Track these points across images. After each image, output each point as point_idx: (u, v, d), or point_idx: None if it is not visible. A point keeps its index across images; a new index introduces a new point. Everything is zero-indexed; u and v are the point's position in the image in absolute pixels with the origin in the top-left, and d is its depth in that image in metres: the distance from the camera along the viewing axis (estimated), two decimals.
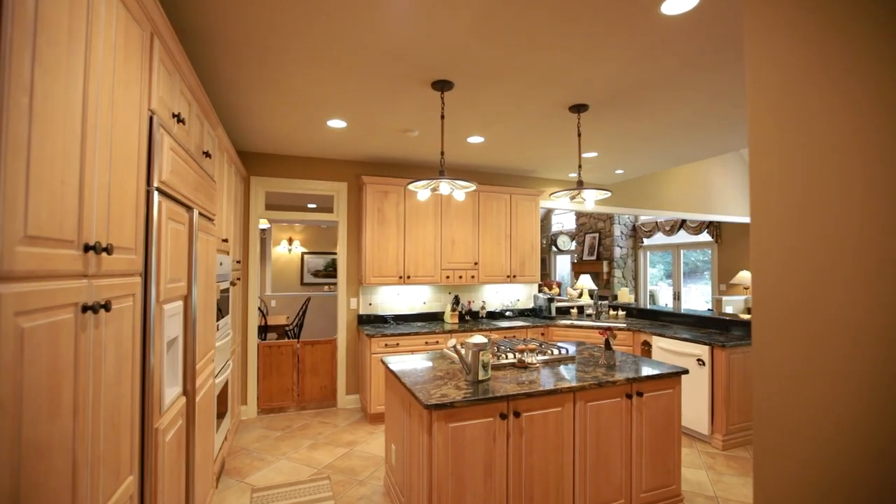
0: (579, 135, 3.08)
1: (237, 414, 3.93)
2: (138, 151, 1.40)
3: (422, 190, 2.83)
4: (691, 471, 3.18)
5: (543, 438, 2.24)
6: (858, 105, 0.93)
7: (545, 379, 2.43)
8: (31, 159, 0.84)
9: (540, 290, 5.50)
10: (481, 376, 2.35)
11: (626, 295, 5.54)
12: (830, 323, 0.98)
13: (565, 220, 10.71)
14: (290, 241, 9.37)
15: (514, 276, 4.99)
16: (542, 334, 4.70)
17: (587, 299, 5.74)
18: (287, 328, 6.51)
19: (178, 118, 1.80)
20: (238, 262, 3.89)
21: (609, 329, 2.85)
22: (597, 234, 9.68)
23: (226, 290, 3.10)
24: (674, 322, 4.71)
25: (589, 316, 5.29)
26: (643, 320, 4.97)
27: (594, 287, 6.71)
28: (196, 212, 1.99)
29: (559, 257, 11.50)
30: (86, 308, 1.04)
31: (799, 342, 1.04)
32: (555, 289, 5.69)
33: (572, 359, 2.90)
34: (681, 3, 1.90)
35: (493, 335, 4.44)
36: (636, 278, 9.71)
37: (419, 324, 4.66)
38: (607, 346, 2.82)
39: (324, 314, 8.45)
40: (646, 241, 9.65)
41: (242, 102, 3.05)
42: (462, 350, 2.43)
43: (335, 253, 9.60)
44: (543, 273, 11.11)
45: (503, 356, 2.80)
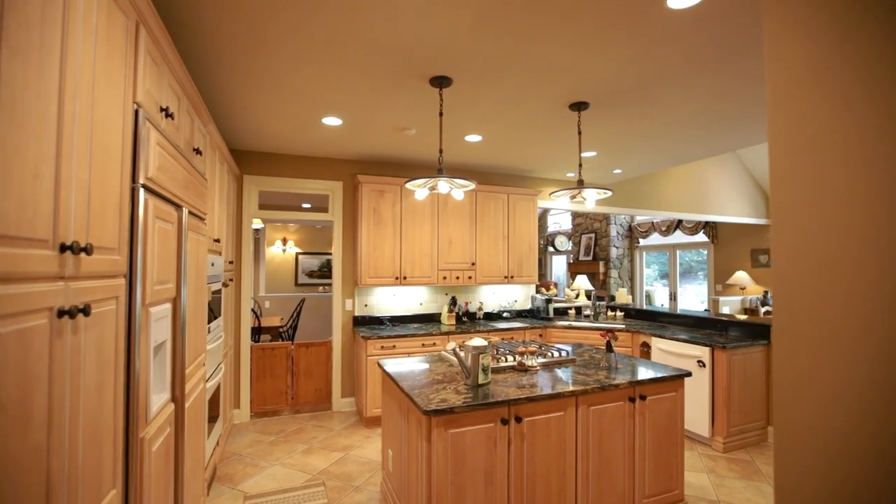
0: (580, 133, 3.03)
1: (229, 418, 3.84)
2: (122, 146, 1.33)
3: (419, 189, 2.76)
4: (693, 474, 3.13)
5: (545, 444, 2.18)
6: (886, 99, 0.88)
7: (546, 382, 2.37)
8: None
9: (537, 291, 5.45)
10: (481, 380, 2.29)
11: (624, 296, 5.50)
12: (858, 328, 0.93)
13: (563, 221, 10.68)
14: (285, 242, 9.26)
15: (512, 277, 4.94)
16: (540, 335, 4.64)
17: (584, 300, 5.69)
18: (281, 330, 6.42)
19: (167, 113, 1.72)
20: (230, 263, 3.80)
21: (610, 331, 2.80)
22: (593, 235, 9.66)
23: (218, 292, 3.02)
24: (672, 323, 4.68)
25: (587, 317, 5.24)
26: (641, 321, 4.93)
27: (591, 288, 6.67)
28: (185, 210, 1.91)
29: (555, 258, 11.47)
30: (62, 313, 0.97)
31: (823, 345, 0.99)
32: (552, 289, 5.64)
33: (573, 361, 2.85)
34: None
35: (492, 337, 4.38)
36: (632, 279, 9.69)
37: (415, 325, 4.59)
38: (609, 349, 2.77)
39: (318, 315, 8.35)
40: (642, 242, 9.63)
41: (235, 99, 2.97)
42: (461, 353, 2.36)
43: (330, 253, 9.50)
44: (539, 274, 11.07)
45: (502, 359, 2.73)
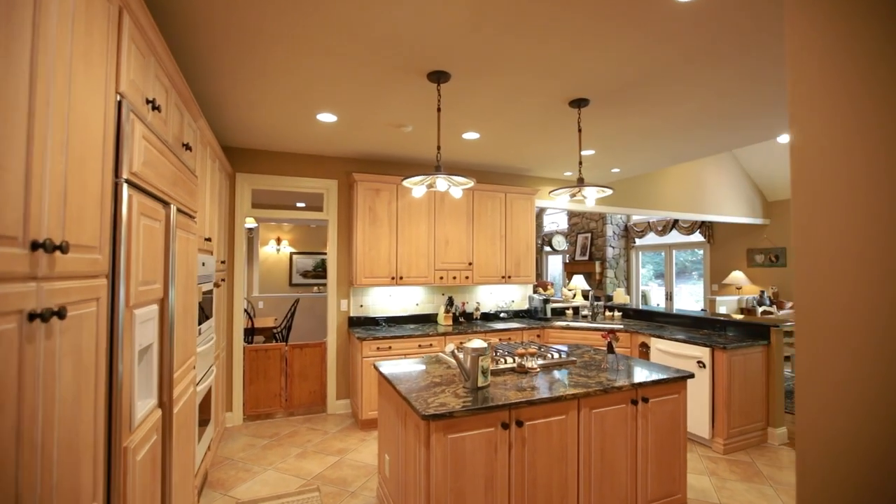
0: (580, 130, 2.97)
1: (221, 422, 3.76)
2: (104, 138, 1.25)
3: (417, 186, 2.70)
4: (694, 477, 3.09)
5: (547, 449, 2.12)
6: None
7: (547, 385, 2.31)
8: None
9: (535, 291, 5.40)
10: (481, 383, 2.23)
11: (622, 296, 5.46)
12: (882, 328, 0.87)
13: (560, 220, 10.64)
14: (279, 241, 9.16)
15: (509, 277, 4.88)
16: (538, 336, 4.59)
17: (580, 300, 5.65)
18: (275, 331, 6.32)
19: (154, 105, 1.65)
20: (223, 263, 3.72)
21: (612, 332, 2.74)
22: (589, 235, 9.63)
23: (209, 292, 2.93)
24: (669, 323, 4.64)
25: (584, 317, 5.20)
26: (639, 321, 4.89)
27: (587, 287, 6.63)
28: (174, 208, 1.84)
29: (551, 258, 11.44)
30: (33, 316, 0.89)
31: (850, 346, 0.94)
32: (549, 290, 5.59)
33: (573, 362, 2.79)
34: None
35: (490, 338, 4.32)
36: (628, 278, 9.68)
37: (412, 326, 4.53)
38: (610, 350, 2.71)
39: (313, 316, 8.25)
40: (638, 242, 9.62)
41: (228, 94, 2.88)
42: (460, 355, 2.30)
43: (325, 253, 9.41)
44: (535, 274, 11.03)
45: (501, 360, 2.67)
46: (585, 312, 5.29)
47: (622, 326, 4.52)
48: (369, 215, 4.25)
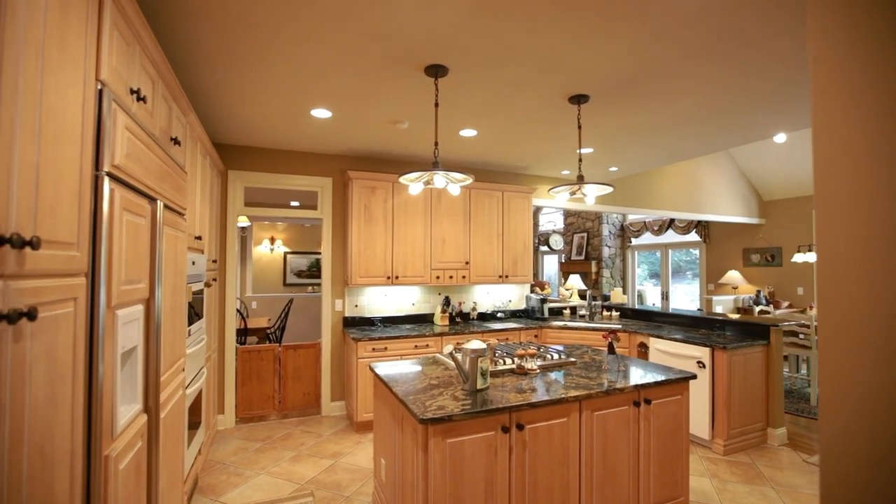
0: (580, 127, 2.92)
1: (213, 425, 3.67)
2: (83, 127, 1.17)
3: (414, 183, 2.63)
4: (695, 479, 3.05)
5: (548, 452, 2.06)
6: None
7: (548, 387, 2.25)
8: None
9: (532, 291, 5.35)
10: (480, 385, 2.17)
11: (620, 295, 5.42)
12: None
13: (557, 220, 10.60)
14: (273, 241, 9.05)
15: (507, 277, 4.83)
16: (536, 336, 4.53)
17: (577, 299, 5.60)
18: (268, 331, 6.23)
19: (139, 96, 1.57)
20: (214, 262, 3.63)
21: (613, 332, 2.69)
22: (585, 234, 9.60)
23: (199, 292, 2.85)
24: (667, 322, 4.60)
25: (582, 317, 5.15)
26: (638, 321, 4.85)
27: (584, 287, 6.59)
28: (161, 204, 1.76)
29: (546, 257, 11.41)
30: None
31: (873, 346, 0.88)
32: (547, 289, 5.54)
33: (573, 363, 2.74)
34: None
35: (487, 338, 4.25)
36: (624, 278, 9.66)
37: (408, 326, 4.46)
38: (611, 350, 2.66)
39: (307, 316, 8.16)
40: (634, 241, 9.60)
41: (220, 88, 2.80)
42: (459, 356, 2.24)
43: (319, 253, 9.31)
44: (532, 273, 10.99)
45: (500, 361, 2.61)
46: (583, 312, 5.24)
47: (620, 326, 4.47)
48: (365, 214, 4.18)
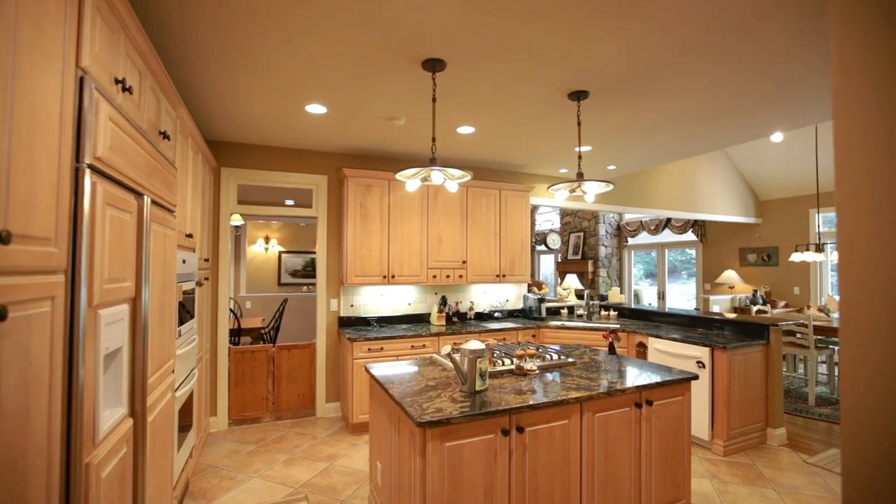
0: (579, 123, 2.87)
1: (205, 427, 3.59)
2: (61, 116, 1.11)
3: (410, 180, 2.57)
4: (695, 480, 3.01)
5: (548, 456, 2.01)
6: None
7: (548, 388, 2.20)
8: None
9: (529, 291, 5.30)
10: (479, 386, 2.11)
11: (617, 295, 5.39)
12: None
13: (554, 219, 10.57)
14: (267, 240, 8.96)
15: (504, 276, 4.78)
16: (533, 336, 4.49)
17: (573, 299, 5.56)
18: (263, 331, 6.15)
19: (124, 86, 1.50)
20: (206, 261, 3.55)
21: (613, 332, 2.65)
22: (581, 234, 9.57)
23: (191, 291, 2.78)
24: (665, 322, 4.57)
25: (580, 317, 5.11)
26: (635, 321, 4.82)
27: (581, 287, 6.56)
28: (148, 199, 1.69)
29: (542, 257, 11.37)
30: None
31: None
32: (544, 289, 5.49)
33: (573, 364, 2.69)
34: None
35: (485, 338, 4.20)
36: (620, 277, 9.64)
37: (404, 326, 4.40)
38: (611, 350, 2.62)
39: (302, 316, 8.07)
40: (630, 241, 9.59)
41: (214, 82, 2.73)
42: (457, 357, 2.18)
43: (314, 252, 9.23)
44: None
45: (499, 362, 2.56)
46: (581, 312, 5.20)
47: (619, 326, 4.44)
48: (360, 212, 4.12)
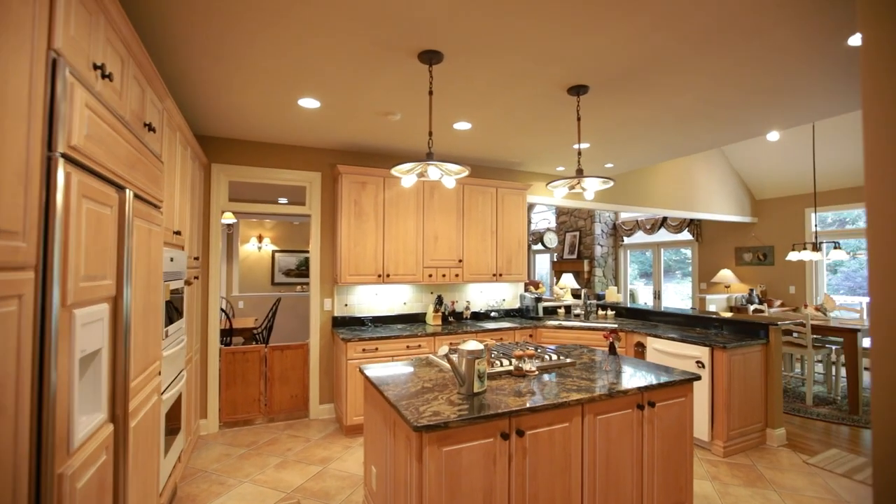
0: (578, 119, 2.81)
1: (194, 430, 3.50)
2: (30, 101, 1.03)
3: (406, 175, 2.50)
4: (695, 482, 2.96)
5: (549, 459, 1.95)
6: None
7: (548, 389, 2.14)
8: None
9: (526, 290, 5.24)
10: (477, 388, 2.04)
11: (615, 294, 5.34)
12: None
13: (551, 218, 10.53)
14: (260, 239, 8.83)
15: (500, 275, 4.71)
16: (531, 336, 4.43)
17: (570, 298, 5.52)
18: (255, 332, 6.04)
19: (103, 72, 1.42)
20: (196, 259, 3.46)
21: (614, 331, 2.59)
22: (577, 233, 9.53)
23: (178, 291, 2.69)
24: (662, 321, 4.53)
25: (577, 316, 5.06)
26: (633, 320, 4.77)
27: (577, 286, 6.52)
28: (130, 193, 1.61)
29: (538, 256, 11.33)
30: None
31: None
32: (541, 288, 5.44)
33: (572, 364, 2.63)
34: None
35: (482, 338, 4.14)
36: (616, 277, 9.62)
37: (399, 326, 4.32)
38: (612, 350, 2.56)
39: (295, 316, 7.97)
40: (626, 240, 9.57)
41: (205, 75, 2.63)
42: (454, 357, 2.11)
43: (308, 251, 9.12)
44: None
45: (497, 363, 2.50)
46: (578, 311, 5.15)
47: (617, 325, 4.39)
48: (354, 209, 4.04)
